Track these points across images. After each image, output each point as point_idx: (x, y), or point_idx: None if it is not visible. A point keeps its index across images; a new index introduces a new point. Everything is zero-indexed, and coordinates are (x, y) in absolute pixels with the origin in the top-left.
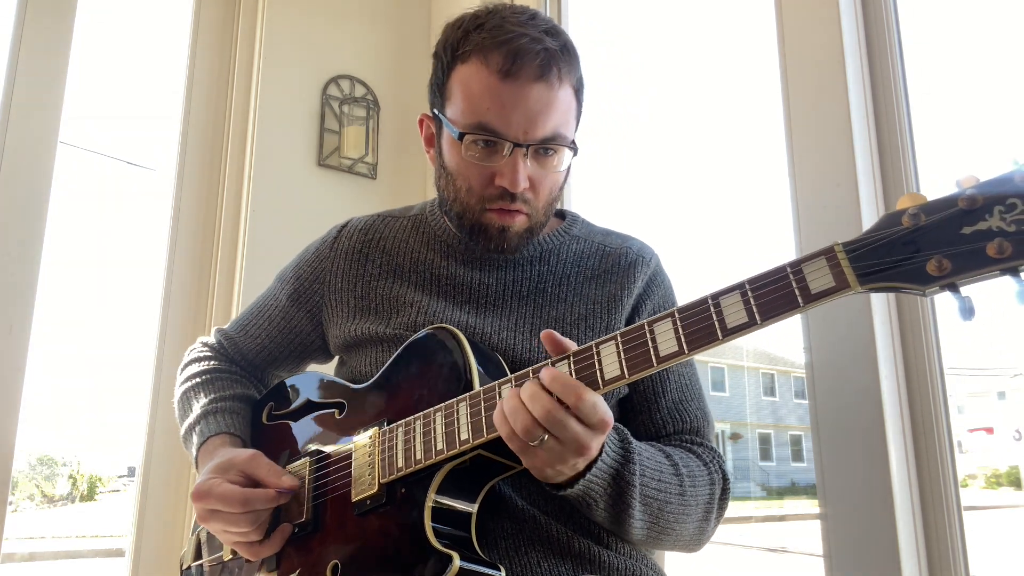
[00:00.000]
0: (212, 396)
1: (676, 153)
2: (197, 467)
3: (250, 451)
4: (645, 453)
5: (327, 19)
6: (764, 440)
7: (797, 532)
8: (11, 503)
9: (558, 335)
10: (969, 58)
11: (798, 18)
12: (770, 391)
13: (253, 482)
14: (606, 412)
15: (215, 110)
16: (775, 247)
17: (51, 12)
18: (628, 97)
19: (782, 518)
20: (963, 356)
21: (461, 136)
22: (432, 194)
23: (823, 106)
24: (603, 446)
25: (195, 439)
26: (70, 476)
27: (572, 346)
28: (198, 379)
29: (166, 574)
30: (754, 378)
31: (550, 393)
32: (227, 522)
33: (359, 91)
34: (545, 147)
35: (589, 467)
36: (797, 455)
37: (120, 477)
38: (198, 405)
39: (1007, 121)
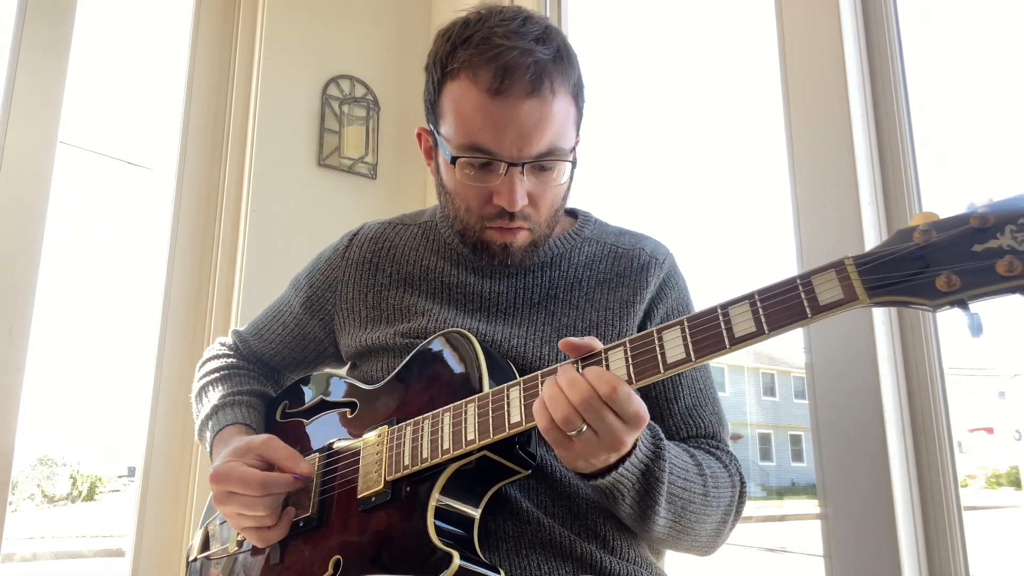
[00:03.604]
0: (229, 390)
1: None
2: (211, 456)
3: (265, 435)
4: (673, 451)
5: (327, 19)
6: (764, 440)
7: (797, 532)
8: (11, 503)
9: (575, 340)
10: (969, 57)
11: (798, 19)
12: (770, 391)
13: (270, 466)
14: (641, 407)
15: (215, 110)
16: (775, 246)
17: (51, 12)
18: (627, 97)
19: (782, 518)
20: (963, 356)
21: (454, 160)
22: (434, 196)
23: (823, 105)
24: (636, 441)
25: (211, 429)
26: (70, 476)
27: (595, 344)
28: (216, 375)
29: (166, 574)
30: (754, 378)
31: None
32: (244, 505)
33: (359, 91)
34: (542, 163)
35: (622, 460)
36: (797, 455)
37: (120, 477)
38: (215, 397)
39: (1006, 117)
